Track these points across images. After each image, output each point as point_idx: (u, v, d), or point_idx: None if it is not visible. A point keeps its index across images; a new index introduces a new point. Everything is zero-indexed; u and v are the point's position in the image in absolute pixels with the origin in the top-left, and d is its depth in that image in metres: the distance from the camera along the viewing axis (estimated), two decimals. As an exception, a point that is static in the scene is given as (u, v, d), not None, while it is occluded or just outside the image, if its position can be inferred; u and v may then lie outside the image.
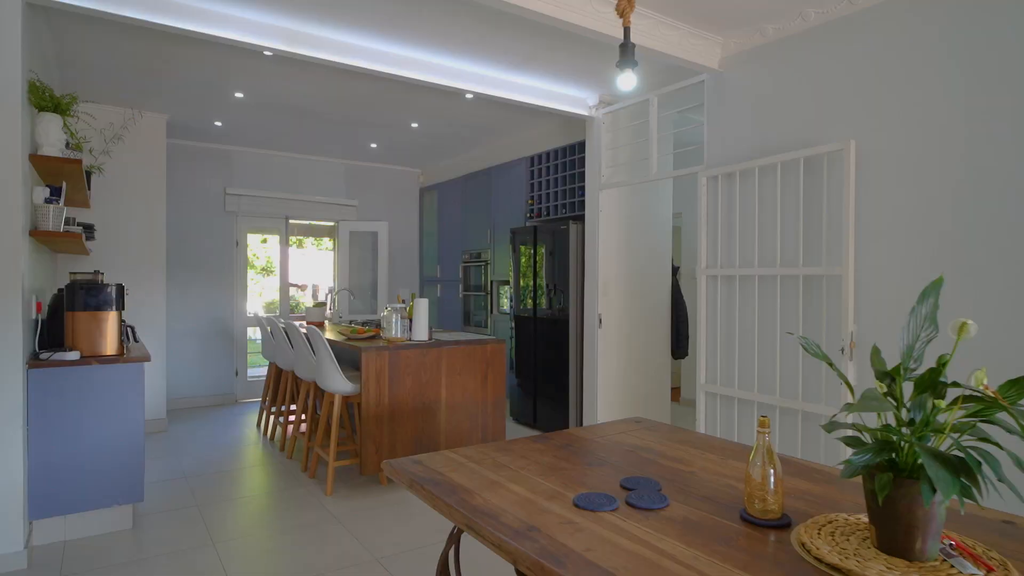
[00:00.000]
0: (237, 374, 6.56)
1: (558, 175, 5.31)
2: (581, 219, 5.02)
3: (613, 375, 4.81)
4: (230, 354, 6.50)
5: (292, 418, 5.38)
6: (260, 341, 5.55)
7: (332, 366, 3.73)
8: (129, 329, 3.43)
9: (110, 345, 3.14)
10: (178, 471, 4.16)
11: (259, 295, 10.83)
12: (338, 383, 3.74)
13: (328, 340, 4.08)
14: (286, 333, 4.60)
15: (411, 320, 3.98)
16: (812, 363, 3.21)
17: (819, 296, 3.18)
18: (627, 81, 2.21)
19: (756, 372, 3.48)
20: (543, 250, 5.19)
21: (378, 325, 4.88)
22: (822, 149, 3.09)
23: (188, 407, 6.22)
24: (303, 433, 4.56)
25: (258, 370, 7.08)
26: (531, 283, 5.32)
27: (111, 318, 3.15)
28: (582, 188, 5.05)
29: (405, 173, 7.70)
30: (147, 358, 3.16)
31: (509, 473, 1.66)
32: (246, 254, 6.67)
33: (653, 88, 4.31)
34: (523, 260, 5.45)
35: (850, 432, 1.64)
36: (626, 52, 2.14)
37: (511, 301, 5.72)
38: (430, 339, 3.98)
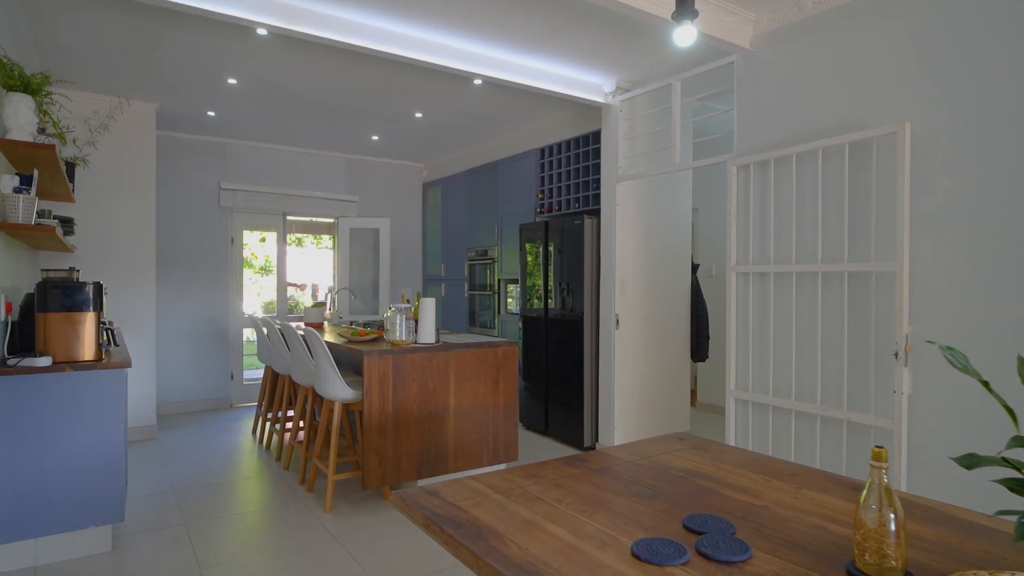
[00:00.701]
0: (232, 377, 6.27)
1: (571, 167, 5.03)
2: (596, 213, 4.73)
3: (630, 379, 4.52)
4: (225, 356, 6.22)
5: (289, 425, 5.09)
6: (257, 342, 5.26)
7: (331, 371, 3.44)
8: (109, 332, 3.15)
9: (87, 350, 2.85)
10: (165, 484, 3.87)
11: (258, 295, 10.55)
12: (338, 390, 3.46)
13: (327, 343, 3.79)
14: (282, 335, 4.31)
15: (416, 321, 3.70)
16: (858, 368, 2.92)
17: (867, 295, 2.89)
18: (685, 36, 1.92)
19: (794, 378, 3.19)
20: (554, 246, 4.90)
21: (381, 326, 4.59)
22: (871, 133, 2.80)
23: (181, 412, 5.93)
24: (300, 442, 4.28)
25: (254, 372, 6.79)
26: (541, 281, 5.03)
27: (88, 320, 2.86)
28: (597, 181, 4.76)
29: (407, 168, 7.41)
30: (127, 364, 2.87)
31: (545, 508, 1.37)
32: (242, 252, 6.38)
33: (674, 72, 4.03)
34: (533, 257, 5.16)
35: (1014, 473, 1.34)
36: (684, 1, 1.85)
37: (520, 301, 5.43)
38: (437, 341, 3.69)
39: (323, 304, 5.05)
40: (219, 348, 6.18)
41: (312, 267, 11.67)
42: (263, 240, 10.33)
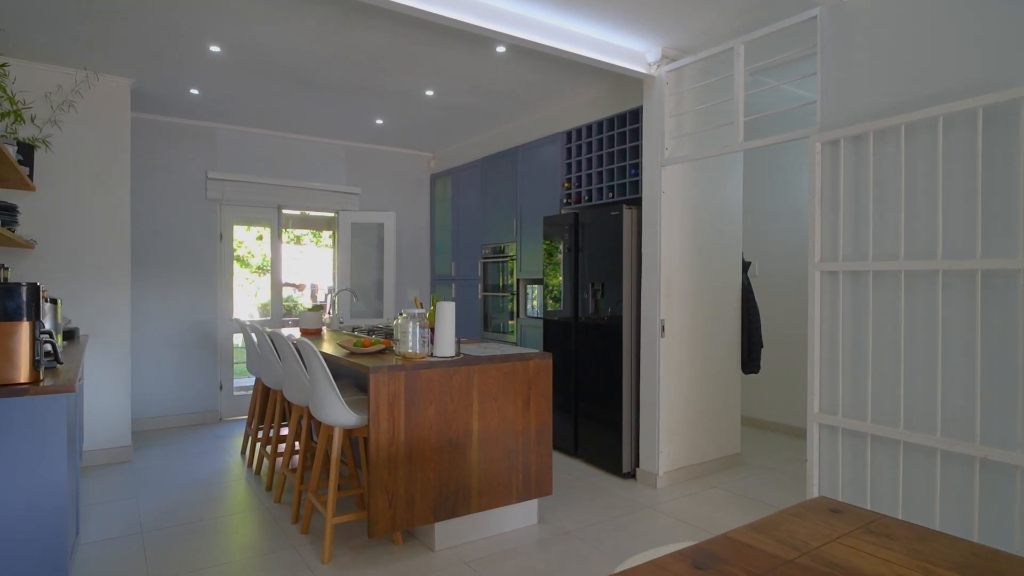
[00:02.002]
0: (222, 388, 5.65)
1: (603, 151, 4.41)
2: (636, 203, 4.11)
3: (677, 394, 3.91)
4: (213, 365, 5.60)
5: (282, 447, 4.47)
6: (246, 350, 4.64)
7: (330, 392, 2.83)
8: (51, 345, 2.54)
9: (18, 370, 2.24)
10: (133, 522, 3.25)
11: (255, 295, 9.92)
12: (339, 414, 2.84)
13: (325, 354, 3.18)
14: (272, 343, 3.70)
15: (432, 330, 3.08)
16: (997, 390, 2.30)
17: (1010, 298, 2.27)
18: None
19: (902, 401, 2.57)
20: (585, 241, 4.29)
21: (388, 335, 3.98)
22: (1017, 92, 2.18)
23: (162, 428, 5.32)
24: (294, 471, 3.67)
25: (247, 380, 6.18)
26: (571, 281, 4.41)
27: (19, 332, 2.24)
28: (636, 166, 4.14)
29: (414, 157, 6.79)
30: (70, 387, 2.25)
31: None
32: (232, 248, 5.77)
33: (735, 35, 3.41)
34: (559, 254, 4.54)
35: None
36: None
37: (542, 303, 4.82)
38: (457, 354, 3.07)
39: (321, 307, 4.44)
40: (207, 355, 5.56)
41: (312, 266, 11.07)
42: (260, 238, 9.71)
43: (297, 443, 4.23)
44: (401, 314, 3.03)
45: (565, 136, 4.79)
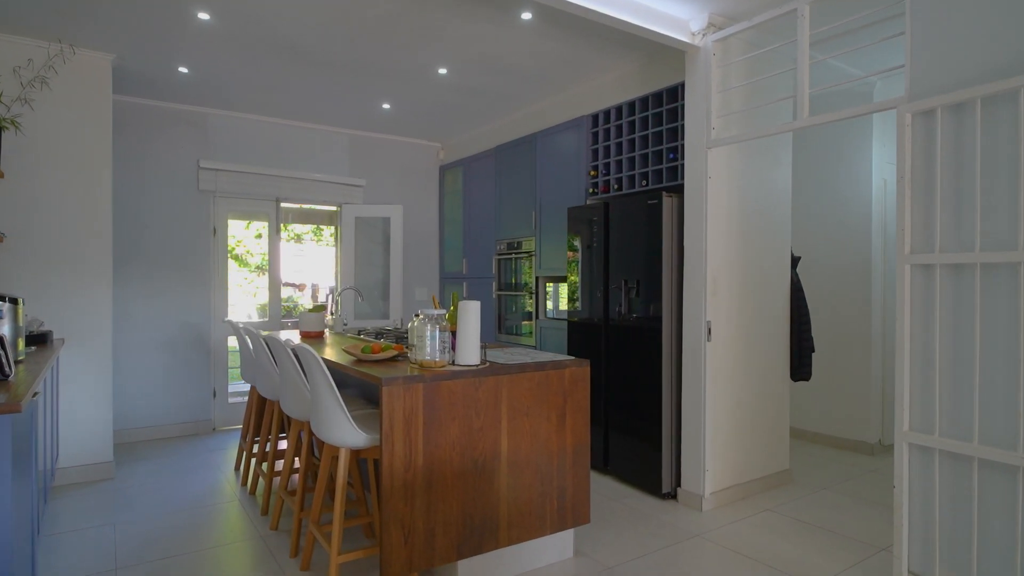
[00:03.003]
0: (215, 395, 5.22)
1: (636, 135, 3.98)
2: (676, 191, 3.68)
3: (724, 405, 3.48)
4: (206, 370, 5.17)
5: (280, 464, 4.04)
6: (240, 355, 4.20)
7: (336, 409, 2.40)
8: (1, 353, 2.11)
9: (-51, 384, 1.81)
10: (107, 558, 2.82)
11: (253, 295, 9.48)
12: (345, 433, 2.41)
13: (328, 362, 2.75)
14: (268, 348, 3.27)
15: (453, 333, 2.65)
16: None
17: None
18: None
19: (1022, 420, 2.14)
20: (617, 234, 3.86)
21: (398, 339, 3.55)
22: None
23: (149, 440, 4.89)
24: (293, 493, 3.24)
25: (243, 386, 5.75)
26: (600, 278, 3.98)
27: (-48, 337, 1.82)
28: (674, 150, 3.72)
29: (422, 147, 6.36)
30: (15, 407, 1.82)
31: None
32: (226, 244, 5.34)
33: (798, -5, 2.98)
34: (586, 248, 4.11)
35: None
36: None
37: (566, 302, 4.39)
38: (483, 362, 2.64)
39: (323, 307, 4.00)
40: (199, 360, 5.13)
41: (312, 265, 10.61)
42: (259, 236, 9.26)
43: (297, 459, 3.81)
44: (417, 315, 2.60)
45: (590, 120, 4.36)
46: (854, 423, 4.54)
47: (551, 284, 4.79)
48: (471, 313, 2.58)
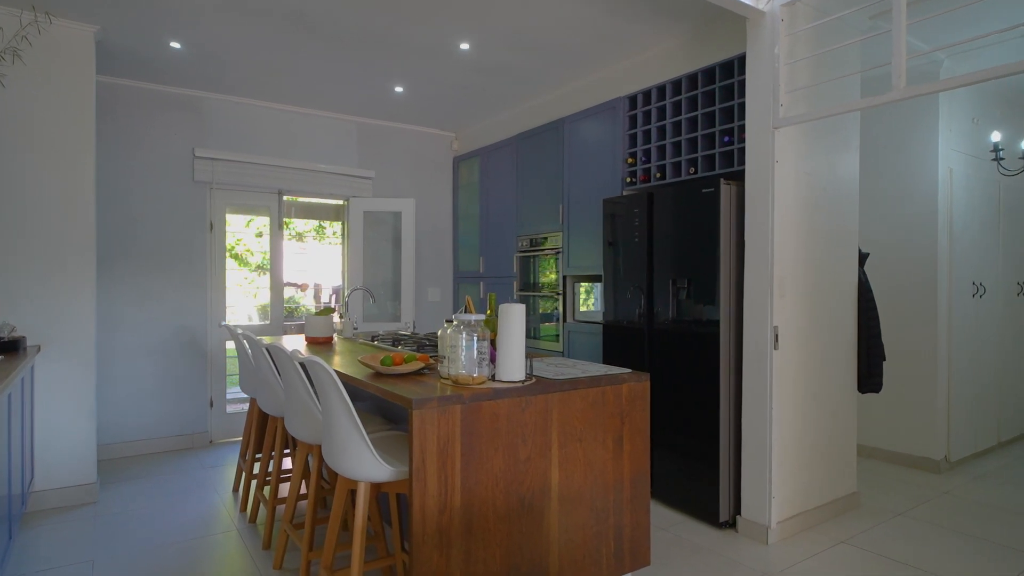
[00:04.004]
0: (212, 405, 4.80)
1: (683, 116, 3.55)
2: (734, 178, 3.26)
3: (791, 421, 3.05)
4: (202, 377, 4.74)
5: (285, 489, 3.61)
6: (239, 363, 3.77)
7: (355, 438, 1.97)
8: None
9: None
10: (82, 605, 2.39)
11: (254, 295, 9.05)
12: (367, 466, 1.98)
13: (341, 375, 2.32)
14: (271, 359, 2.84)
15: (494, 344, 2.22)
16: None
17: None
18: None
19: None
20: (663, 228, 3.43)
21: (420, 346, 3.12)
22: None
23: (139, 455, 4.46)
24: (300, 526, 2.81)
25: (243, 393, 5.32)
26: (642, 277, 3.55)
27: None
28: (729, 132, 3.29)
29: (435, 137, 5.93)
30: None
31: None
32: (224, 241, 4.91)
33: (891, -54, 2.55)
34: (624, 244, 3.68)
35: None
36: None
37: (601, 304, 3.97)
38: (529, 378, 2.21)
39: (331, 310, 3.57)
40: (194, 366, 4.70)
41: (315, 264, 10.17)
42: (259, 235, 8.82)
43: (304, 484, 3.38)
44: (450, 321, 2.18)
45: (627, 101, 3.93)
46: (917, 438, 4.10)
47: (584, 284, 4.36)
48: (515, 318, 2.15)
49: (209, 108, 4.75)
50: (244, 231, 8.35)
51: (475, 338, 2.11)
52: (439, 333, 2.29)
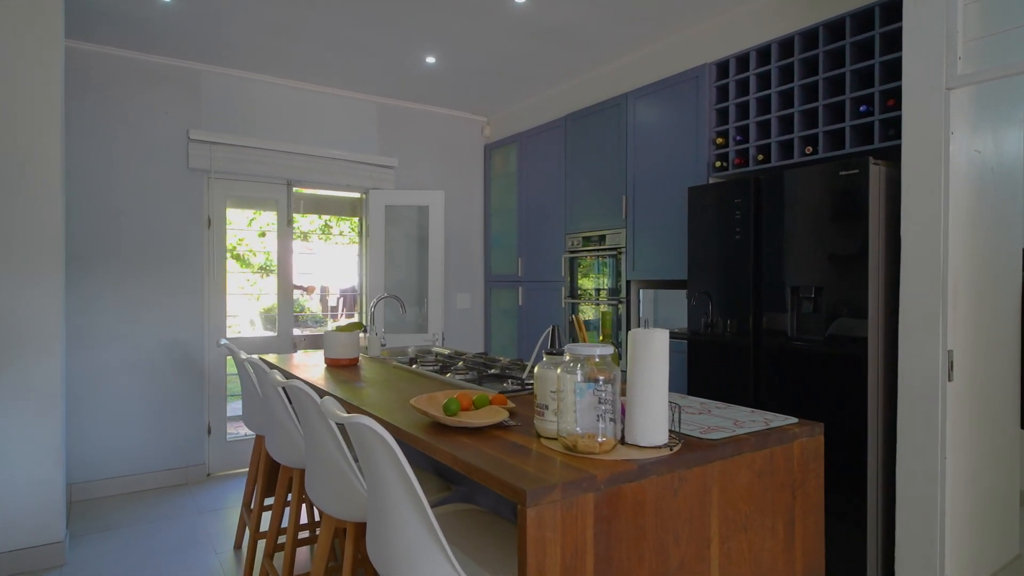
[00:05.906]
0: (210, 432, 4.09)
1: (795, 83, 2.84)
2: (883, 156, 2.55)
3: (958, 470, 2.34)
4: (198, 400, 4.04)
5: (302, 553, 2.90)
6: (241, 391, 3.05)
7: (427, 541, 1.26)
8: None
9: None
10: None
11: (257, 298, 8.34)
12: (443, 587, 1.27)
13: (386, 425, 1.61)
14: (286, 399, 2.13)
15: (612, 387, 1.51)
16: None
17: None
18: None
19: None
20: (776, 221, 2.71)
21: (480, 375, 2.39)
22: None
23: (122, 494, 3.75)
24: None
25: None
26: (747, 283, 2.84)
27: None
28: (865, 100, 2.58)
29: (464, 121, 5.22)
30: None
31: None
32: (224, 239, 4.20)
33: None
34: (721, 243, 2.97)
35: None
36: None
37: (687, 314, 3.27)
38: (672, 438, 1.50)
39: (360, 325, 2.85)
40: (189, 387, 3.99)
41: (321, 264, 9.44)
42: (263, 235, 8.11)
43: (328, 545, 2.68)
44: (552, 353, 1.47)
45: (713, 70, 3.23)
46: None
47: (651, 291, 3.65)
48: (657, 351, 1.44)
49: (207, 83, 4.05)
50: (246, 231, 7.65)
51: (599, 382, 1.40)
52: (536, 372, 1.58)
